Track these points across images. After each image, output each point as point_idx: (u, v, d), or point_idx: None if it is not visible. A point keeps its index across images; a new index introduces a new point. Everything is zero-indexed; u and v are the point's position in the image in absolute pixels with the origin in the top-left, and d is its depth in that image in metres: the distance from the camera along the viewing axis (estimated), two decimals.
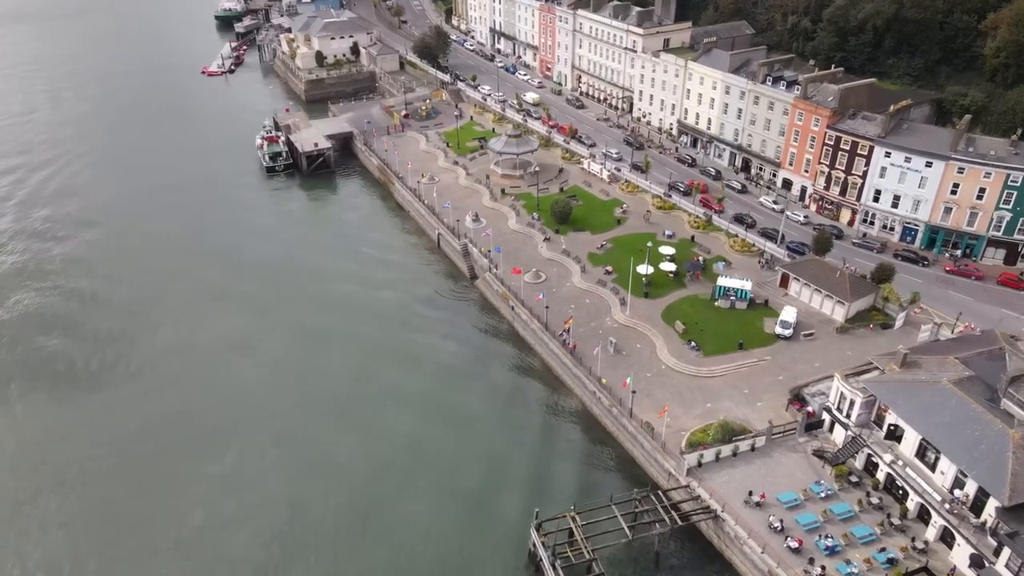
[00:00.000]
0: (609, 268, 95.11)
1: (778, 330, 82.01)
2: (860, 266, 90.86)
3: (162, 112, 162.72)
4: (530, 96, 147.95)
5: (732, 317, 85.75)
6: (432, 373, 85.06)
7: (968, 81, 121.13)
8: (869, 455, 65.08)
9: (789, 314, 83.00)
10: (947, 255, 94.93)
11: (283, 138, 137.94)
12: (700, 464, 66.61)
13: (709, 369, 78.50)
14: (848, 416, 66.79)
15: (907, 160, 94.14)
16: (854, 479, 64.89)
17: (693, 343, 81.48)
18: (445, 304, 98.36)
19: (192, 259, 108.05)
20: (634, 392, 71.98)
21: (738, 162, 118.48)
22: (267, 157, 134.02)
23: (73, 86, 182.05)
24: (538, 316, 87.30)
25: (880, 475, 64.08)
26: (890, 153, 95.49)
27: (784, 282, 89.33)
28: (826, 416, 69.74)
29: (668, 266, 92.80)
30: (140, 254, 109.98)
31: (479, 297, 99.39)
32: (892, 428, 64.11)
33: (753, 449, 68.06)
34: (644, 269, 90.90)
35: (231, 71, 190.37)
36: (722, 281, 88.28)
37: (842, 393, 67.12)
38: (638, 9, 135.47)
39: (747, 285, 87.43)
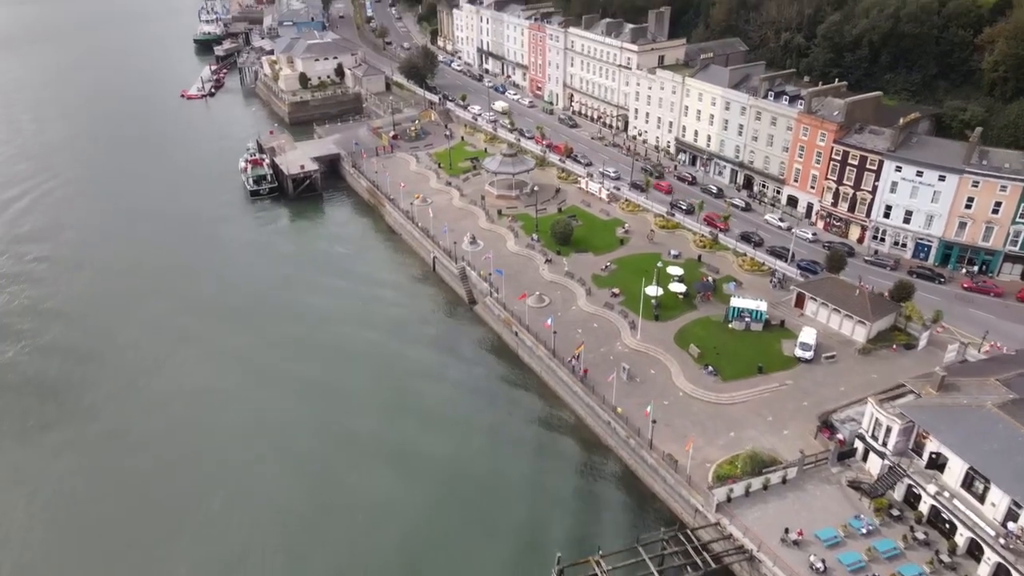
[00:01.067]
0: (616, 290, 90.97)
1: (798, 352, 78.10)
2: (875, 284, 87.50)
3: (140, 137, 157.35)
4: (498, 105, 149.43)
5: (748, 339, 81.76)
6: (432, 408, 79.73)
7: (966, 95, 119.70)
8: (910, 486, 60.86)
9: (808, 335, 79.17)
10: (963, 271, 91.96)
11: (268, 160, 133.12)
12: (729, 499, 61.97)
13: (729, 395, 74.21)
14: (884, 444, 62.64)
15: (919, 174, 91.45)
16: (895, 512, 60.53)
17: (710, 368, 77.25)
18: (443, 333, 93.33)
19: (168, 292, 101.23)
20: (654, 422, 67.38)
21: (740, 179, 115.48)
22: (251, 180, 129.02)
23: (47, 112, 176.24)
24: (544, 342, 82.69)
25: (923, 507, 59.80)
26: (901, 167, 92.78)
27: (799, 302, 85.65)
28: (859, 444, 65.54)
29: (677, 287, 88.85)
30: (110, 287, 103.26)
31: (479, 323, 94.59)
32: (934, 456, 60.01)
33: (784, 481, 63.58)
34: (653, 290, 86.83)
35: (211, 94, 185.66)
36: (736, 302, 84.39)
37: (877, 419, 63.03)
38: (632, 26, 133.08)
39: (762, 306, 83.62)
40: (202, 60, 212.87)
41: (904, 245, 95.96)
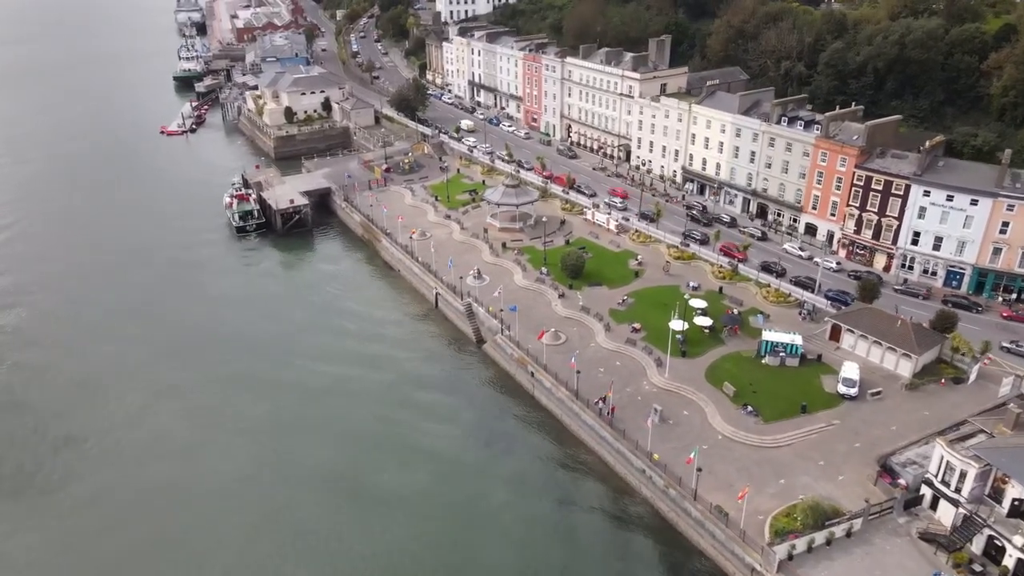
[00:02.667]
0: (636, 325, 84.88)
1: (841, 389, 72.24)
2: (910, 315, 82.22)
3: (118, 175, 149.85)
4: (464, 123, 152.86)
5: (785, 376, 75.82)
6: (445, 457, 72.53)
7: (975, 121, 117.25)
8: (991, 537, 54.61)
9: (851, 371, 73.41)
10: (999, 299, 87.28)
11: (254, 196, 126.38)
12: (791, 557, 55.24)
13: (773, 438, 67.89)
14: (957, 490, 56.57)
15: (949, 199, 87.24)
16: (977, 568, 54.18)
17: (749, 407, 71.00)
18: (449, 376, 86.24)
19: (149, 340, 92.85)
20: (699, 470, 60.68)
21: (753, 208, 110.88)
22: (237, 216, 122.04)
23: (22, 149, 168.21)
24: (566, 383, 76.02)
25: (1009, 562, 53.48)
26: (929, 192, 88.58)
27: (835, 335, 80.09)
28: (926, 490, 59.36)
29: (703, 321, 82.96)
30: (86, 334, 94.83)
31: (489, 364, 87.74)
32: (1017, 503, 53.99)
33: (849, 535, 57.09)
34: (678, 325, 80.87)
35: (192, 130, 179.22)
36: (768, 336, 78.65)
37: (948, 463, 57.06)
38: (632, 55, 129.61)
39: (797, 339, 77.94)
40: (182, 97, 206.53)
41: (934, 273, 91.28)
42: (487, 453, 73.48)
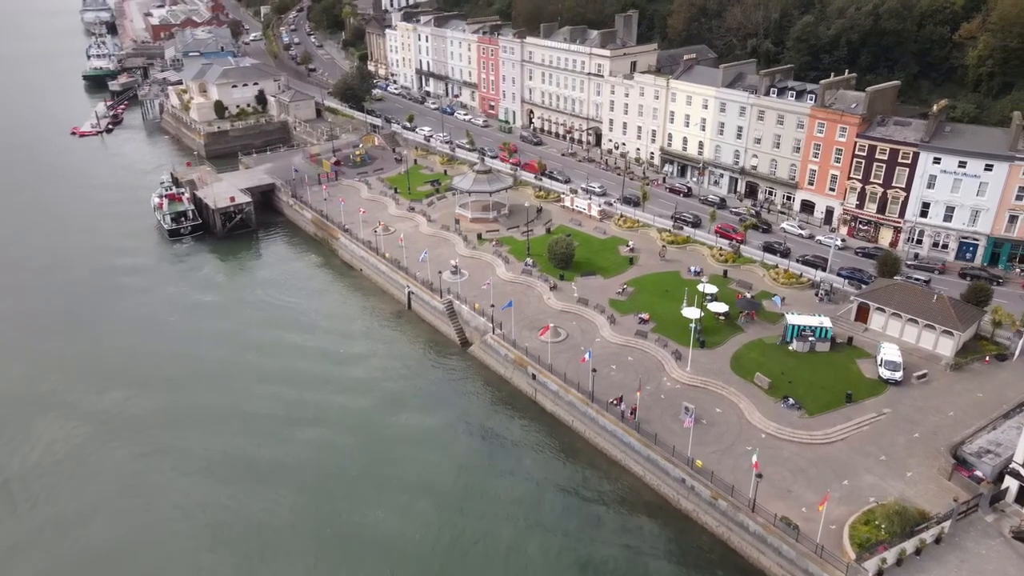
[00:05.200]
0: (644, 315, 75.90)
1: (885, 373, 64.93)
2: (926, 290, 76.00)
3: (22, 180, 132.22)
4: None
5: (818, 362, 68.15)
6: (439, 484, 61.54)
7: (951, 93, 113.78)
8: None
9: (892, 353, 66.22)
10: (1017, 270, 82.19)
11: (187, 195, 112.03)
12: (881, 572, 46.86)
13: (823, 433, 59.79)
14: None
15: (961, 165, 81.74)
16: None
17: (790, 400, 62.78)
18: (434, 386, 75.03)
19: (68, 362, 78.77)
20: (760, 476, 51.79)
21: (741, 187, 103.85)
22: (168, 218, 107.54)
23: None
24: (577, 384, 66.21)
25: None
26: (939, 159, 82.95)
27: (863, 315, 72.93)
28: (1010, 482, 52.09)
29: (717, 307, 74.63)
30: None
31: (479, 368, 77.13)
32: None
33: (938, 541, 49.13)
34: (693, 313, 72.25)
35: (108, 130, 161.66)
36: (793, 319, 70.87)
37: None
38: (599, 32, 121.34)
39: (826, 322, 70.45)
40: (95, 97, 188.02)
41: (945, 246, 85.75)
42: (490, 475, 62.61)
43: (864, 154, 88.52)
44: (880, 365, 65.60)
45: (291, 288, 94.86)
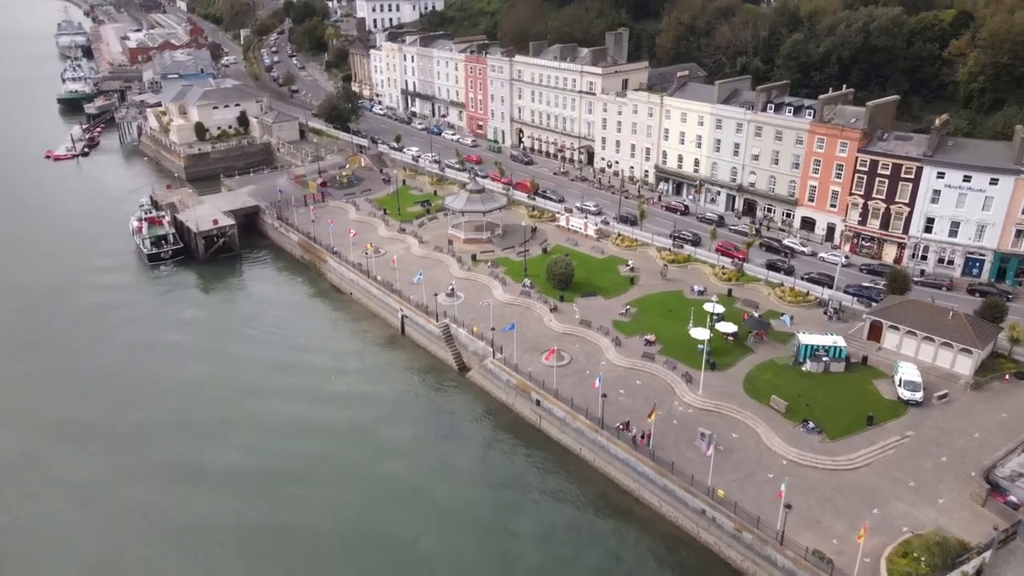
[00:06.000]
0: (650, 336, 73.04)
1: (905, 394, 62.48)
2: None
3: None
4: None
5: (833, 383, 65.59)
6: (445, 521, 57.89)
7: (942, 109, 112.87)
8: None
9: (911, 372, 63.89)
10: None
11: (168, 218, 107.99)
12: None
13: (847, 458, 57.02)
14: None
15: (966, 179, 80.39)
16: None
17: (810, 424, 60.00)
18: (433, 413, 71.55)
19: (35, 408, 73.16)
20: (789, 507, 48.71)
21: (739, 205, 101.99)
22: (148, 242, 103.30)
23: None
24: (586, 410, 62.98)
25: None
26: (944, 173, 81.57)
27: (876, 333, 70.62)
28: None
29: (726, 327, 71.97)
30: None
31: (479, 394, 73.63)
32: None
33: (979, 573, 46.29)
34: (702, 334, 69.59)
35: (84, 154, 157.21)
36: (805, 339, 68.38)
37: None
38: (589, 49, 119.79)
39: (840, 341, 68.10)
40: (70, 120, 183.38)
41: (951, 262, 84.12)
42: (497, 510, 58.88)
43: (866, 169, 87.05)
44: (899, 385, 63.21)
45: (278, 313, 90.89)
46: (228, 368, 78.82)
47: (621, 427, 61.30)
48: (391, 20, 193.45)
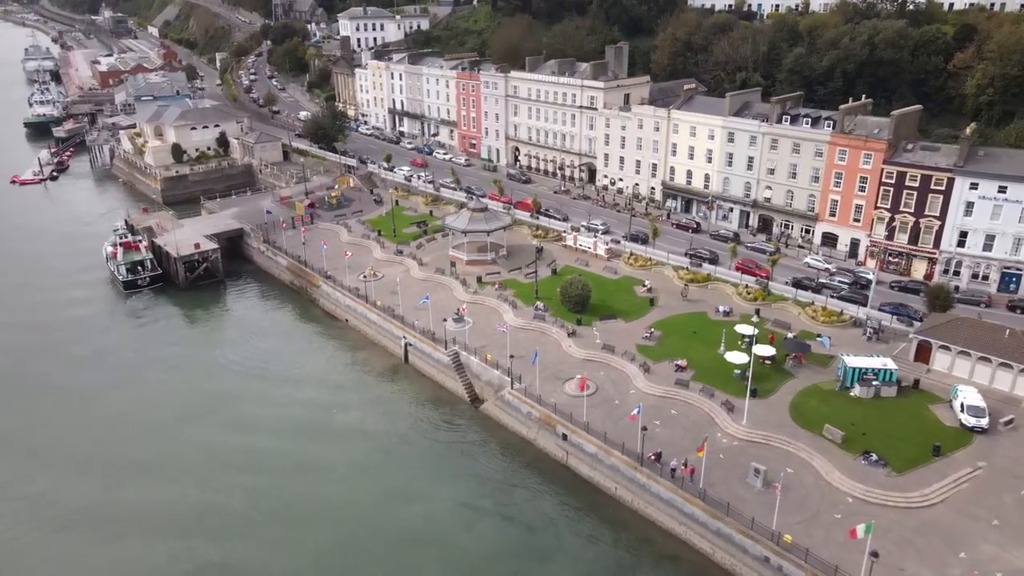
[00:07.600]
0: (680, 362, 67.25)
1: (969, 420, 57.28)
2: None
3: None
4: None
5: (888, 409, 60.19)
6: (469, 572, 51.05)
7: (950, 123, 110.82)
8: None
9: (973, 396, 58.78)
10: None
11: (145, 243, 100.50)
12: None
13: (920, 493, 51.36)
14: None
15: (1001, 190, 76.36)
16: None
17: (872, 456, 54.37)
18: (446, 452, 64.69)
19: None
20: (875, 555, 42.74)
21: (754, 221, 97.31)
22: (123, 268, 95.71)
23: None
24: (623, 445, 56.76)
25: None
26: (977, 184, 77.54)
27: (924, 354, 65.59)
28: None
29: (764, 350, 66.44)
30: None
31: (496, 428, 67.05)
32: None
33: None
34: (738, 357, 64.04)
35: (52, 178, 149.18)
36: (851, 361, 63.09)
37: None
38: (589, 64, 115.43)
39: (889, 364, 62.84)
40: (37, 144, 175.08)
41: (986, 277, 79.78)
42: (526, 562, 52.25)
43: (892, 181, 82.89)
44: (960, 411, 57.99)
45: (268, 343, 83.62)
46: (216, 402, 71.45)
47: (652, 457, 55.32)
48: (376, 39, 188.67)
